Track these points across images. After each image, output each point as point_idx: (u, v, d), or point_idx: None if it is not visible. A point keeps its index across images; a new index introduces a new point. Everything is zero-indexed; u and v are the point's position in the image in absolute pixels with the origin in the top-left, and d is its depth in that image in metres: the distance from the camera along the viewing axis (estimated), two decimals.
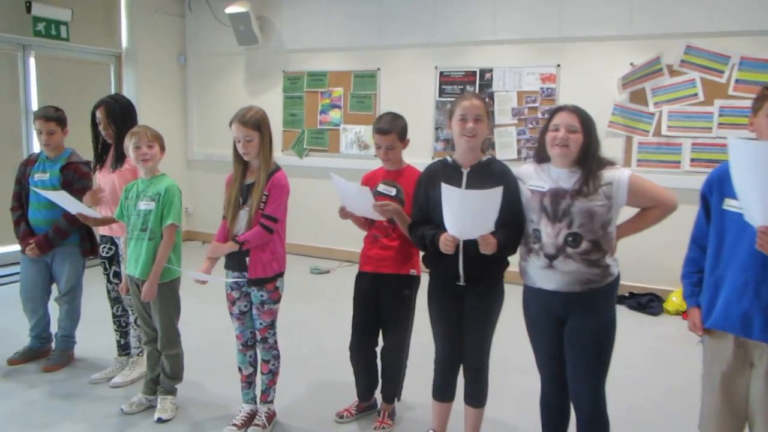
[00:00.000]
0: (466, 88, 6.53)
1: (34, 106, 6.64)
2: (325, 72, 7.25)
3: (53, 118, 3.74)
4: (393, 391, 3.35)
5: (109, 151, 3.69)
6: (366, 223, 3.28)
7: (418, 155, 6.65)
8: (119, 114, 3.60)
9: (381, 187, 3.17)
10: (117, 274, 3.76)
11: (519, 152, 6.28)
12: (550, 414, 2.77)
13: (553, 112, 2.62)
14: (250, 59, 7.75)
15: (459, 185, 2.72)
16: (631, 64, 5.82)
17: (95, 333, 4.33)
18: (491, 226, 2.55)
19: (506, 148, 6.35)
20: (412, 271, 3.21)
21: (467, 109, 2.71)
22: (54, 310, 4.04)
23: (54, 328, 4.08)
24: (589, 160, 2.55)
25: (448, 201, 2.52)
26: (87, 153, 3.90)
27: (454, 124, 2.75)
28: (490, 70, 6.42)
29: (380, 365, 3.34)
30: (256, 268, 3.04)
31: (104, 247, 3.78)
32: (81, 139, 4.05)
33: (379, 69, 6.97)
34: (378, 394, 3.44)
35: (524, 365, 3.25)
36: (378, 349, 3.34)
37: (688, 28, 5.57)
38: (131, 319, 3.77)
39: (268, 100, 7.62)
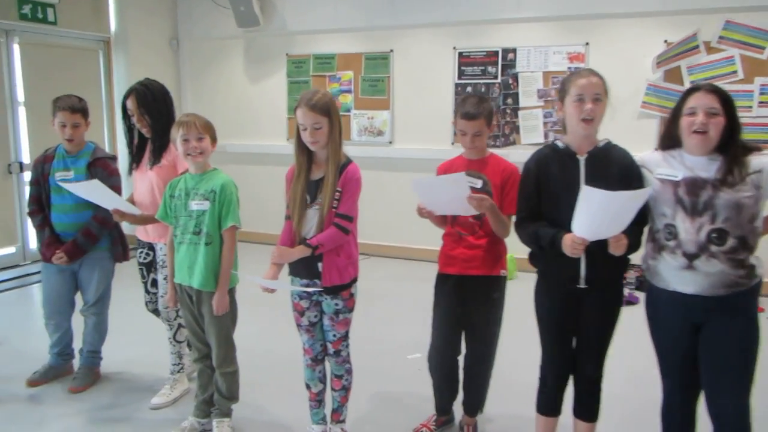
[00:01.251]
0: (487, 69, 6.20)
1: (20, 97, 6.10)
2: (333, 54, 6.83)
3: (79, 109, 3.30)
4: (477, 404, 3.04)
5: (146, 146, 3.27)
6: (445, 220, 2.94)
7: (436, 141, 6.35)
8: (152, 101, 3.18)
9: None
10: (155, 283, 3.35)
11: (546, 135, 5.99)
12: (677, 425, 2.49)
13: (687, 93, 2.31)
14: (250, 42, 7.27)
15: (576, 175, 2.41)
16: (666, 41, 5.56)
17: (116, 345, 3.89)
18: (626, 225, 2.24)
19: (532, 131, 6.05)
20: (502, 272, 2.89)
21: (584, 88, 2.38)
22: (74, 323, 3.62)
23: (77, 343, 3.66)
24: (732, 145, 2.25)
25: (588, 202, 2.19)
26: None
27: (568, 105, 2.42)
28: (513, 50, 6.09)
29: (462, 375, 3.02)
30: (331, 275, 2.68)
31: (141, 252, 3.36)
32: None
33: (392, 50, 6.58)
34: (455, 406, 3.13)
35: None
36: (460, 358, 3.01)
37: (726, 2, 5.32)
38: (169, 334, 3.37)
39: (270, 85, 7.19)
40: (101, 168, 3.35)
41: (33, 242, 6.26)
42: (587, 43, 5.84)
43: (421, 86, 6.49)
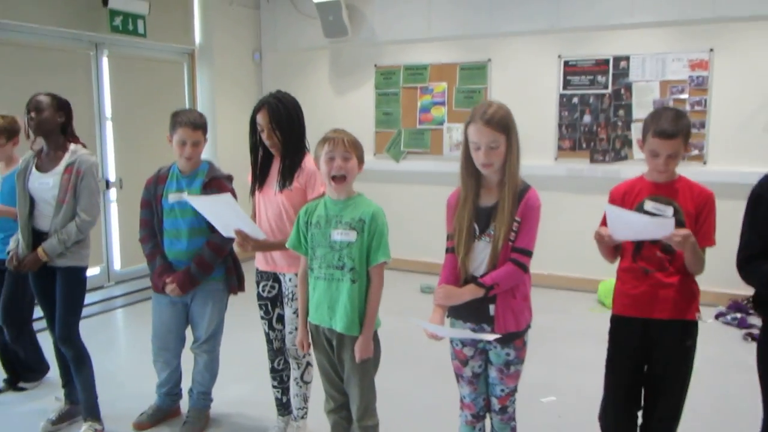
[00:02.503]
0: (596, 79, 5.74)
1: (108, 112, 5.94)
2: (426, 65, 6.47)
3: (200, 125, 3.02)
4: None
5: (271, 166, 2.95)
6: (616, 252, 2.52)
7: (538, 156, 5.91)
8: (285, 117, 2.85)
9: (649, 205, 2.41)
10: (281, 318, 3.01)
11: None
12: None
13: None
14: (336, 53, 6.99)
15: None
16: None
17: (223, 380, 3.52)
18: None
19: None
20: (698, 316, 2.44)
21: None
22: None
23: (185, 382, 3.36)
24: None
25: None
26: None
27: None
28: (626, 58, 5.62)
29: None
30: (505, 320, 2.28)
31: (265, 285, 3.03)
32: (160, 150, 3.26)
33: (490, 60, 6.19)
34: None
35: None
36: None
37: None
38: (296, 374, 3.03)
39: (357, 97, 6.88)
40: (216, 189, 3.05)
41: (117, 263, 6.09)
42: (711, 49, 5.33)
43: (522, 97, 6.04)
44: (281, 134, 2.85)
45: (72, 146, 3.17)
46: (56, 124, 3.14)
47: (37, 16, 5.21)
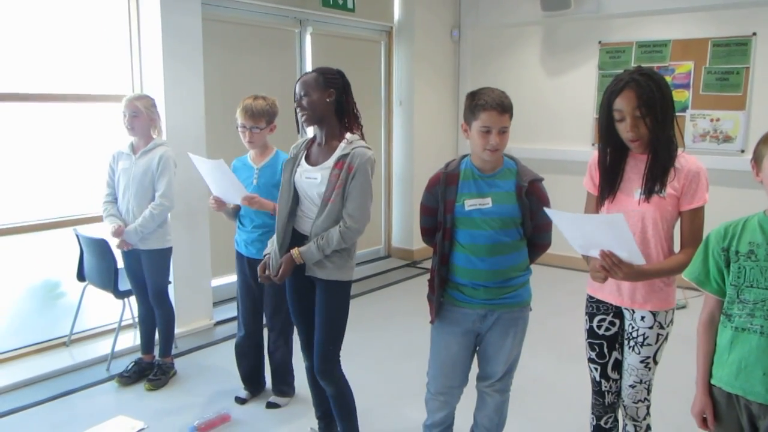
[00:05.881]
0: None
1: None
2: (667, 41, 5.51)
3: (509, 108, 2.35)
4: None
5: (624, 165, 2.22)
6: None
7: None
8: (660, 101, 2.11)
9: None
10: (618, 366, 2.29)
11: None
12: None
13: None
14: (552, 29, 6.16)
15: None
16: None
17: None
18: None
19: None
20: None
21: None
22: None
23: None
24: None
25: None
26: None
27: None
28: None
29: None
30: None
31: (602, 320, 2.30)
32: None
33: (755, 34, 5.12)
34: None
35: None
36: None
37: None
38: None
39: (575, 79, 6.03)
40: (537, 198, 2.37)
41: None
42: None
43: None
44: (652, 123, 2.12)
45: (348, 136, 2.61)
46: (327, 108, 2.60)
47: None
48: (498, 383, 2.58)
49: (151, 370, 3.56)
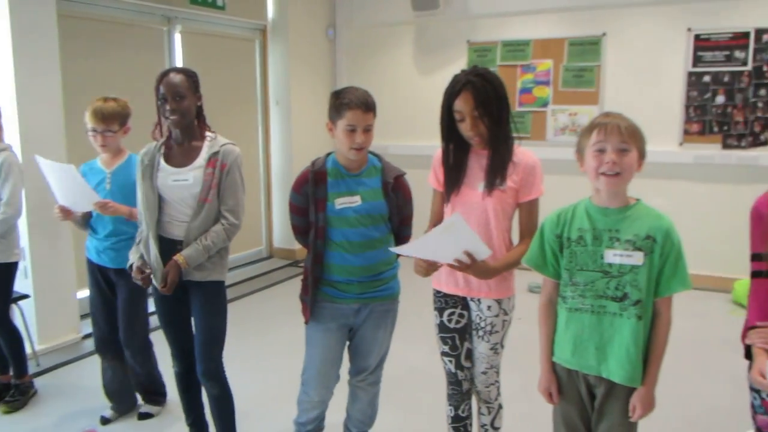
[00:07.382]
0: (733, 54, 5.08)
1: None
2: (528, 40, 5.82)
3: (372, 106, 2.41)
4: None
5: (467, 161, 2.34)
6: None
7: (660, 142, 5.27)
8: (495, 100, 2.24)
9: None
10: (471, 354, 2.40)
11: None
12: None
13: None
14: (423, 28, 6.33)
15: None
16: None
17: None
18: None
19: None
20: None
21: None
22: None
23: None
24: None
25: None
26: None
27: None
28: None
29: None
30: None
31: (452, 314, 2.39)
32: (232, 135, 2.66)
33: (604, 34, 5.53)
34: None
35: None
36: None
37: None
38: (485, 420, 2.45)
39: (446, 77, 6.12)
40: (402, 193, 2.47)
41: None
42: None
43: (642, 76, 5.42)
44: (490, 121, 2.24)
45: (209, 134, 2.59)
46: (194, 111, 2.58)
47: None
48: (370, 376, 2.64)
49: (8, 392, 3.34)
